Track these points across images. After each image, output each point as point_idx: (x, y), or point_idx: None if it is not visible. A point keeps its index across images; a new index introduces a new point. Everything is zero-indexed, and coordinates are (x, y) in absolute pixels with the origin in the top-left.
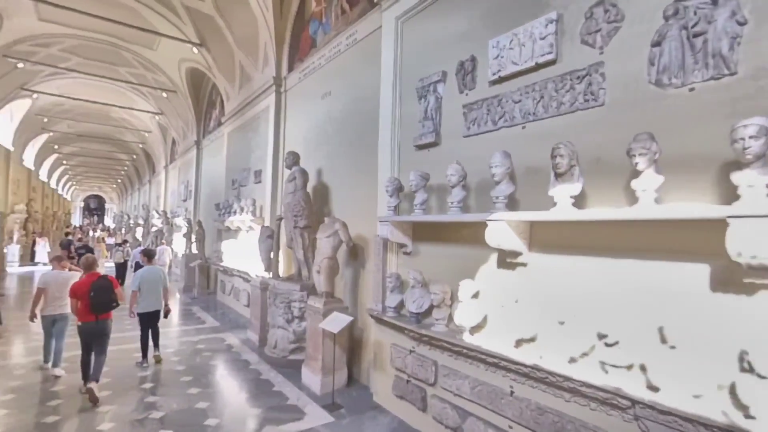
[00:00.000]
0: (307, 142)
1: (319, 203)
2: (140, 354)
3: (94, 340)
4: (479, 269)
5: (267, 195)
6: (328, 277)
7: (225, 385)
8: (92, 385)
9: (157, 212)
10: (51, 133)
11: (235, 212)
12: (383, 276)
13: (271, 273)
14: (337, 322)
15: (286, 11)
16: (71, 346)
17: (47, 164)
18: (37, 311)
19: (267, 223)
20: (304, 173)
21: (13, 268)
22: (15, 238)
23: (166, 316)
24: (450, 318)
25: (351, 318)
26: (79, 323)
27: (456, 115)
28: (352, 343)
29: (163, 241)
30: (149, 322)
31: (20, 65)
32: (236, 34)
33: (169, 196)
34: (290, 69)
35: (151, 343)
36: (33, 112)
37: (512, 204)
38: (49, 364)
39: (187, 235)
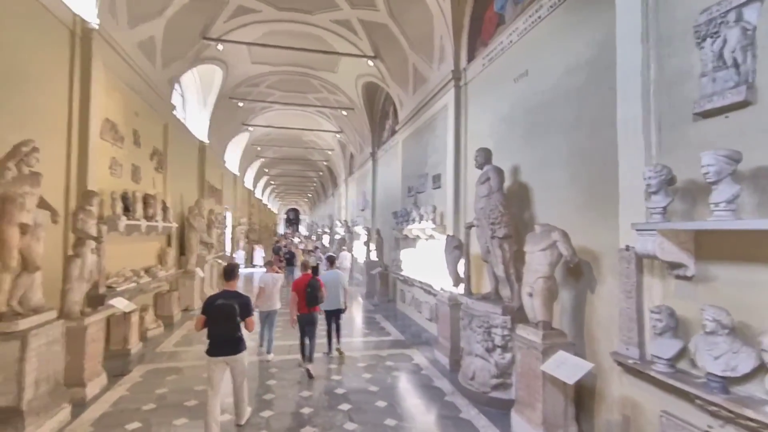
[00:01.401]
0: (496, 136)
1: (516, 207)
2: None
3: (308, 327)
4: None
5: (448, 200)
6: (546, 302)
7: (422, 421)
8: (309, 366)
9: (340, 221)
10: (263, 159)
11: (413, 220)
12: (638, 308)
13: (460, 288)
14: (568, 367)
15: None
16: (280, 350)
17: (260, 184)
18: (259, 303)
19: (450, 231)
20: (500, 172)
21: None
22: (240, 245)
23: (343, 311)
24: None
25: (590, 365)
26: (297, 314)
27: None
28: (577, 390)
29: (344, 247)
30: (331, 318)
31: (240, 104)
32: (410, 36)
33: (349, 206)
34: (470, 58)
35: (334, 339)
36: (250, 142)
37: None
38: (263, 349)
39: (367, 243)
